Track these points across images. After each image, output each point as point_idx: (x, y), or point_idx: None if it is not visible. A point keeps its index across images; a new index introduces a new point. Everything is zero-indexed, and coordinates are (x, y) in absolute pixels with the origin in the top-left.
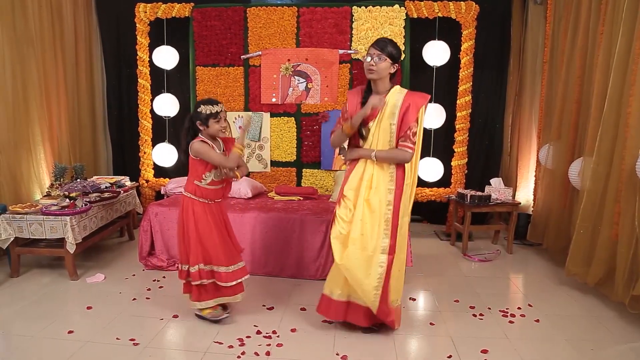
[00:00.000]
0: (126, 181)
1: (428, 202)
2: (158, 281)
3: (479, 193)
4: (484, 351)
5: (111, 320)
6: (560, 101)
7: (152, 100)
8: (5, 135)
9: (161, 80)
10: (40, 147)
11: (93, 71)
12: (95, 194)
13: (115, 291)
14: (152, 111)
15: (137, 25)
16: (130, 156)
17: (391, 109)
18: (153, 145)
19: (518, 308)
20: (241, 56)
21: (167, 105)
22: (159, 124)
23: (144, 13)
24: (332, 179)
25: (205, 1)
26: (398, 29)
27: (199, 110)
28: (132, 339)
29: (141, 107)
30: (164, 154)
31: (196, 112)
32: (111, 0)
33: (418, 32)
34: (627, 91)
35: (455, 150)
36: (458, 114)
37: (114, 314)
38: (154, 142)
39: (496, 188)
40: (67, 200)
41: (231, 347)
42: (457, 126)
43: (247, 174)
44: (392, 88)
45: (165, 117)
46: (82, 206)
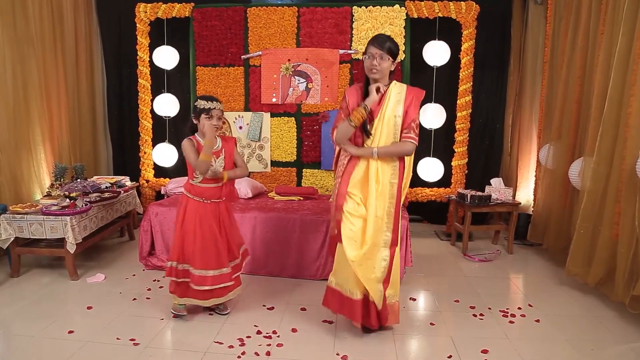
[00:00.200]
0: (126, 181)
1: (428, 202)
2: (158, 281)
3: (479, 193)
4: (484, 351)
5: (111, 320)
6: (560, 101)
7: (153, 100)
8: (5, 135)
9: (161, 80)
10: (40, 147)
11: (93, 71)
12: (95, 194)
13: (115, 291)
14: (153, 111)
15: (138, 25)
16: (130, 156)
17: (395, 102)
18: (153, 145)
19: (518, 308)
20: (241, 56)
21: (168, 105)
22: (159, 124)
23: (145, 13)
24: (333, 179)
25: (205, 1)
26: (398, 29)
27: (196, 104)
28: (133, 339)
29: (141, 107)
30: (164, 154)
31: (194, 106)
32: (111, 0)
33: (418, 32)
34: (628, 91)
35: (455, 150)
36: (458, 114)
37: (114, 314)
38: (154, 142)
39: (496, 188)
40: (68, 200)
41: (231, 347)
42: (458, 126)
43: (248, 175)
44: (391, 83)
45: (165, 117)
46: (83, 206)
